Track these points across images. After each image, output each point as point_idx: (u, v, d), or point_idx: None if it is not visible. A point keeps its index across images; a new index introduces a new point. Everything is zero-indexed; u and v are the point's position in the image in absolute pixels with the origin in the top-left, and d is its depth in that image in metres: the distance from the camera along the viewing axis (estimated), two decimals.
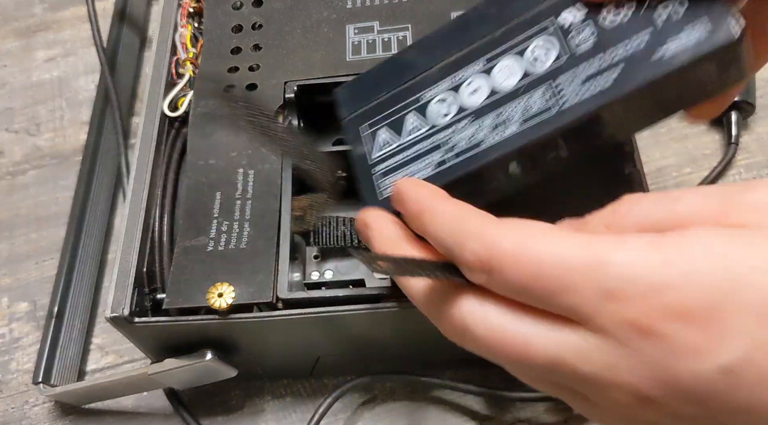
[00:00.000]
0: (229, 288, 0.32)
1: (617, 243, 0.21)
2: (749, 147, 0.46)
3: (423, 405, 0.39)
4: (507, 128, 0.27)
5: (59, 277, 0.41)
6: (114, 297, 0.33)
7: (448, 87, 0.29)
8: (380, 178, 0.30)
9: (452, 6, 0.40)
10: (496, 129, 0.27)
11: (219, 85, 0.34)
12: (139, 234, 0.35)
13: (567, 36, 0.27)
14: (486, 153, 0.27)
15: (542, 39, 0.27)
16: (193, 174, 0.36)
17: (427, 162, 0.29)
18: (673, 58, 0.24)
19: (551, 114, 0.26)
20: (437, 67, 0.29)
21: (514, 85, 0.27)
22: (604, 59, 0.25)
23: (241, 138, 0.37)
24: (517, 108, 0.27)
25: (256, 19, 0.42)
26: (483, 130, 0.28)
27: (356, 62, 0.39)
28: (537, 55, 0.27)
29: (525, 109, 0.27)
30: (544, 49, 0.27)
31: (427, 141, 0.29)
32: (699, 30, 0.24)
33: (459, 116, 0.28)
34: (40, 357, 0.39)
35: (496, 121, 0.27)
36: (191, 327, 0.32)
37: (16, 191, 0.49)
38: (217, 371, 0.34)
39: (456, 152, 0.28)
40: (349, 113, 0.32)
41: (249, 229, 0.34)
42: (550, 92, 0.26)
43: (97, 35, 0.49)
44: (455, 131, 0.28)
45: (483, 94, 0.28)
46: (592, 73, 0.26)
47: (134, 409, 0.40)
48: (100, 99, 0.48)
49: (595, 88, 0.25)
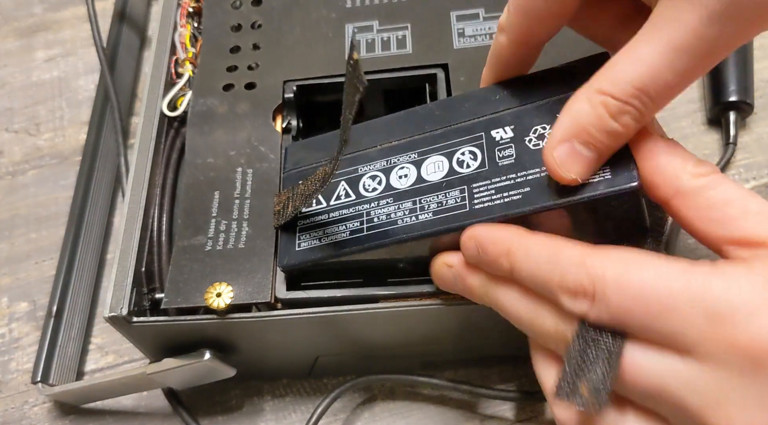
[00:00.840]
0: (228, 287, 0.32)
1: (717, 268, 0.21)
2: (748, 147, 0.46)
3: (423, 405, 0.39)
4: (422, 214, 0.30)
5: (58, 277, 0.41)
6: (112, 296, 0.32)
7: (382, 167, 0.32)
8: (301, 232, 0.32)
9: (451, 5, 0.40)
10: (412, 212, 0.30)
11: None
12: (137, 234, 0.35)
13: (494, 148, 0.30)
14: (398, 231, 0.30)
15: (472, 146, 0.30)
16: (191, 173, 0.36)
17: (345, 227, 0.31)
18: (576, 191, 0.26)
19: (462, 211, 0.29)
20: (377, 148, 0.33)
21: (437, 179, 0.30)
22: (519, 176, 0.28)
23: (240, 137, 0.37)
24: (434, 199, 0.30)
25: (255, 18, 0.42)
26: (401, 210, 0.30)
27: None
28: (464, 159, 0.30)
29: (440, 202, 0.30)
30: (472, 155, 0.30)
31: (350, 209, 0.32)
32: (604, 174, 0.26)
33: (384, 194, 0.31)
34: (39, 356, 0.38)
35: (414, 206, 0.30)
36: (190, 327, 0.32)
37: (16, 191, 0.49)
38: (215, 371, 0.34)
39: (373, 224, 0.31)
40: (291, 168, 0.35)
41: (248, 229, 0.34)
42: (466, 193, 0.29)
43: (97, 35, 0.49)
44: (377, 206, 0.31)
45: (410, 180, 0.31)
46: (505, 186, 0.28)
47: (134, 409, 0.40)
48: (99, 99, 0.48)
49: (504, 199, 0.28)
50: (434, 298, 0.32)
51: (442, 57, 0.38)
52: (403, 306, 0.32)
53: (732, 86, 0.46)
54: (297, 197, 0.32)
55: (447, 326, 0.34)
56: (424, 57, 0.38)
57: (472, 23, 0.39)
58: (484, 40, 0.38)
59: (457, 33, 0.39)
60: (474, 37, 0.39)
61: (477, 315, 0.32)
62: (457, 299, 0.31)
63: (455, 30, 0.39)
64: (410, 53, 0.38)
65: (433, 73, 0.38)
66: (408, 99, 0.40)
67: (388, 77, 0.38)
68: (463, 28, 0.39)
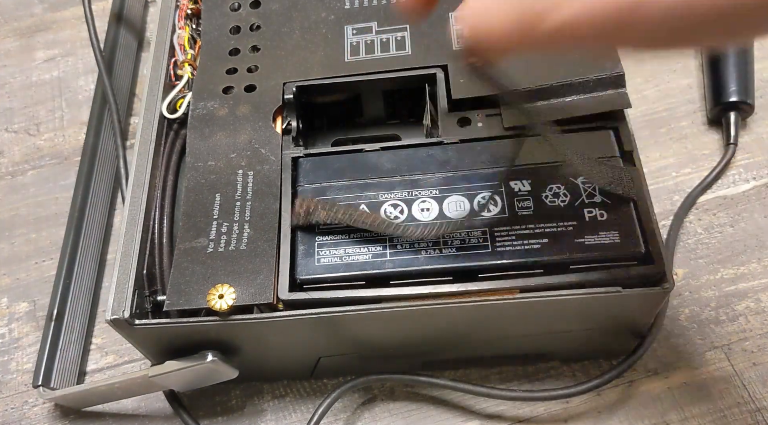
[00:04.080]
0: (230, 289, 0.32)
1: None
2: (748, 147, 0.46)
3: (423, 405, 0.39)
4: (445, 249, 0.32)
5: (58, 279, 0.41)
6: (114, 299, 0.32)
7: (403, 197, 0.34)
8: (320, 247, 0.33)
9: (450, 6, 0.40)
10: (435, 245, 0.32)
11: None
12: (139, 236, 0.35)
13: (513, 198, 0.33)
14: (423, 261, 0.32)
15: (492, 192, 0.33)
16: (192, 175, 0.36)
17: (368, 250, 0.33)
18: (589, 247, 0.31)
19: (485, 251, 0.32)
20: (399, 178, 0.34)
21: (459, 218, 0.33)
22: (537, 227, 0.32)
23: (240, 139, 0.37)
24: (457, 236, 0.32)
25: (254, 21, 0.42)
26: (425, 242, 0.32)
27: (355, 63, 0.39)
28: (485, 203, 0.33)
29: (463, 240, 0.32)
30: (492, 200, 0.33)
31: (372, 233, 0.33)
32: (612, 237, 0.32)
33: (408, 223, 0.33)
34: (40, 360, 0.38)
35: (438, 241, 0.32)
36: (192, 329, 0.32)
37: (16, 191, 0.49)
38: (218, 372, 0.34)
39: (396, 251, 0.32)
40: (306, 183, 0.35)
41: (249, 230, 0.34)
42: (488, 235, 0.32)
43: (95, 38, 0.49)
44: None
45: (432, 214, 0.33)
46: (525, 234, 0.32)
47: (134, 411, 0.40)
48: (98, 100, 0.48)
49: (524, 245, 0.32)
50: (436, 299, 0.32)
51: (441, 58, 0.38)
52: (405, 306, 0.32)
53: (732, 86, 0.46)
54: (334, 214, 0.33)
55: (448, 326, 0.34)
56: (423, 58, 0.38)
57: None
58: None
59: (456, 35, 0.39)
60: None
61: (478, 315, 0.32)
62: (458, 298, 0.32)
63: (454, 31, 0.39)
64: (409, 55, 0.38)
65: (433, 73, 0.38)
66: (407, 100, 0.40)
67: (387, 78, 0.38)
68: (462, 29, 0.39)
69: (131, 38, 0.53)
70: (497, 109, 0.36)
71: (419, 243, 0.32)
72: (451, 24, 0.39)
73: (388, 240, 0.33)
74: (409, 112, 0.41)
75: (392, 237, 0.33)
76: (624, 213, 0.32)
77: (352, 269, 0.32)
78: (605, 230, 0.32)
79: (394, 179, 0.34)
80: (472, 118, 0.36)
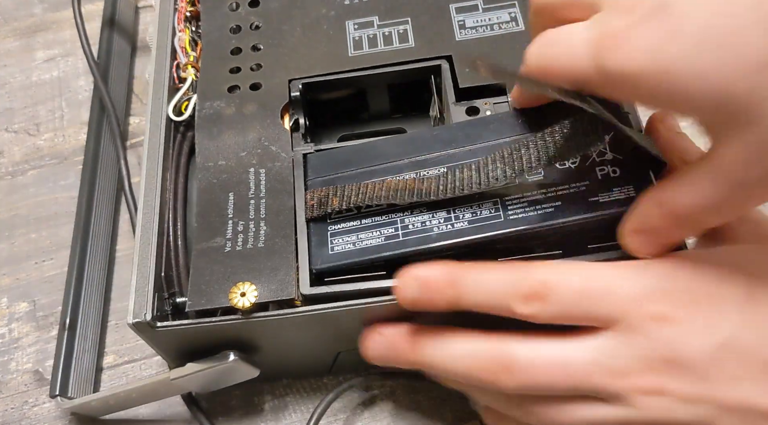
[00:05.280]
0: (251, 286, 0.32)
1: None
2: None
3: (423, 405, 0.38)
4: (457, 223, 0.32)
5: (68, 287, 0.41)
6: (135, 303, 0.32)
7: (413, 178, 0.33)
8: (333, 236, 0.33)
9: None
10: (447, 221, 0.32)
11: None
12: (155, 239, 0.34)
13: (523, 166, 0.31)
14: (435, 237, 0.32)
15: (502, 162, 0.31)
16: (204, 176, 0.36)
17: (380, 233, 0.32)
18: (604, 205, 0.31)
19: (497, 221, 0.31)
20: (405, 161, 0.34)
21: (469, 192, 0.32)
22: (550, 191, 0.31)
23: (249, 137, 0.37)
24: (468, 209, 0.32)
25: (253, 20, 0.41)
26: (436, 219, 0.32)
27: (359, 57, 0.39)
28: (495, 174, 0.31)
29: (475, 212, 0.32)
30: (502, 171, 0.31)
31: (383, 216, 0.33)
32: (627, 191, 0.31)
33: (416, 203, 0.32)
34: (56, 369, 0.38)
35: (449, 215, 0.32)
36: (214, 329, 0.32)
37: (16, 191, 0.48)
38: (239, 372, 0.34)
39: (408, 230, 0.32)
40: (315, 177, 0.35)
41: (265, 227, 0.34)
42: (500, 205, 0.32)
43: (86, 42, 0.49)
44: (411, 214, 0.32)
45: None
46: (537, 200, 0.31)
47: (150, 417, 0.39)
48: (96, 104, 0.48)
49: (537, 211, 0.31)
50: None
51: (445, 49, 0.38)
52: None
53: None
54: (347, 198, 0.33)
55: None
56: (427, 50, 0.38)
57: (472, 15, 0.40)
58: (485, 31, 0.39)
59: (458, 25, 0.39)
60: (475, 29, 0.39)
61: None
62: None
63: (456, 22, 0.39)
64: (413, 47, 0.39)
65: (438, 64, 0.38)
66: (412, 93, 0.40)
67: (393, 70, 0.38)
68: (464, 19, 0.39)
69: (125, 42, 0.53)
70: (505, 97, 0.36)
71: (430, 221, 0.32)
72: (452, 15, 0.40)
73: (400, 221, 0.32)
74: (412, 105, 0.42)
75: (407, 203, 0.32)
76: (638, 167, 0.32)
77: (366, 254, 0.32)
78: (619, 186, 0.31)
79: (401, 162, 0.34)
80: (480, 106, 0.36)
